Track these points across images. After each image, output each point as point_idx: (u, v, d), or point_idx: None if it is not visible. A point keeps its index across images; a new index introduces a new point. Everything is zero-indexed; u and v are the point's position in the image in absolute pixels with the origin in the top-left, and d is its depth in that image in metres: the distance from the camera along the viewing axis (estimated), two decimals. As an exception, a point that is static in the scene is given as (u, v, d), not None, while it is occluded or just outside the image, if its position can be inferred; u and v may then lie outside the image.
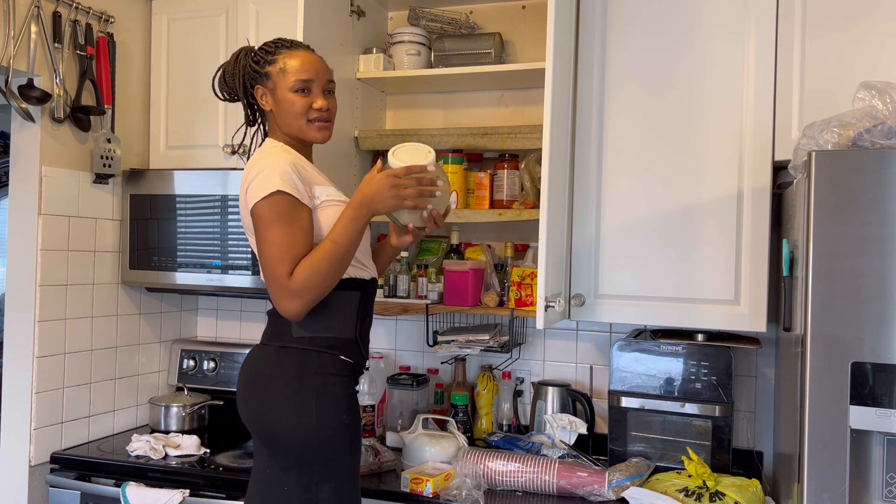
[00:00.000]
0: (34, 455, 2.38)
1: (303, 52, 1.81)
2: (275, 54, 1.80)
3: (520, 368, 2.62)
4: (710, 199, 2.10)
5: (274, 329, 1.79)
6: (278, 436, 1.72)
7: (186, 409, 2.70)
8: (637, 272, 2.16)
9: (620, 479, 2.01)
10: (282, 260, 1.64)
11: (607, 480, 2.01)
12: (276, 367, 1.75)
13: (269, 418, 1.72)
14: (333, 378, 1.74)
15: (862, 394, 1.50)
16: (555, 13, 1.90)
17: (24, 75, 2.31)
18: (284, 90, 1.78)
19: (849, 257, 1.51)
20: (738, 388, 2.39)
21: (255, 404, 1.76)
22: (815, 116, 1.82)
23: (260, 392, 1.75)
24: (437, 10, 2.63)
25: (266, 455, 1.75)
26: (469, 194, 2.48)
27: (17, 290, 2.39)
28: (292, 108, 1.78)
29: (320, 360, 1.74)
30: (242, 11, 2.62)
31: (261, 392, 1.75)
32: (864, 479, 1.52)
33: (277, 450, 1.73)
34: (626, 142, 2.18)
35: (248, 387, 1.78)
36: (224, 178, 2.56)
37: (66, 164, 2.47)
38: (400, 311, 2.47)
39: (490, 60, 2.45)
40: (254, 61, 1.81)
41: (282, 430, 1.71)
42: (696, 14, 2.12)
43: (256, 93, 1.82)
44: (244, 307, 3.01)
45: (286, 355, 1.75)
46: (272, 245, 1.65)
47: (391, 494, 2.08)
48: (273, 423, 1.72)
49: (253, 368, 1.79)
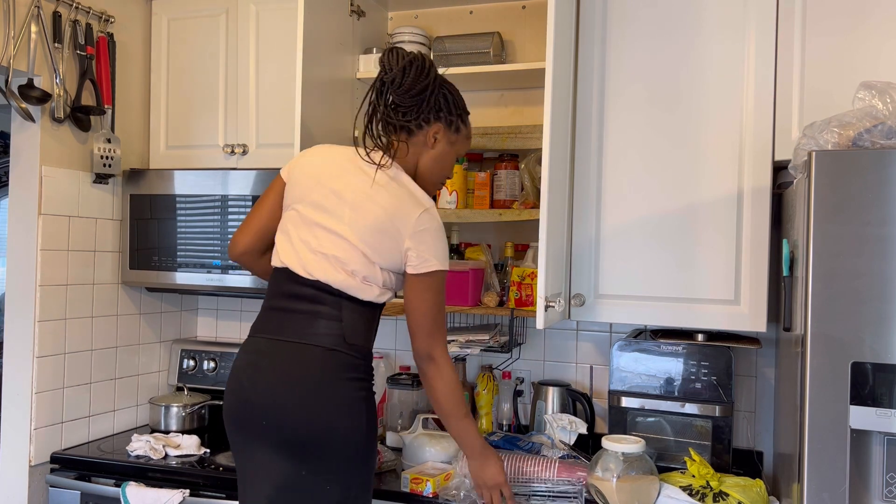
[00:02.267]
0: (34, 455, 2.38)
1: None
2: (466, 116, 1.91)
3: (520, 368, 2.62)
4: (710, 198, 2.10)
5: (316, 329, 1.75)
6: (330, 437, 1.71)
7: (186, 409, 2.70)
8: (637, 272, 2.16)
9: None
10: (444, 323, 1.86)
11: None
12: (327, 368, 1.74)
13: (322, 420, 1.71)
14: (369, 384, 1.82)
15: (862, 394, 1.50)
16: (555, 13, 1.90)
17: (24, 75, 2.31)
18: (453, 153, 1.89)
19: (849, 257, 1.51)
20: (738, 388, 2.39)
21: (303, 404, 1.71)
22: (815, 116, 1.82)
23: (312, 393, 1.72)
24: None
25: (303, 456, 1.71)
26: (469, 194, 2.48)
27: (17, 290, 2.39)
28: (446, 171, 1.90)
29: (365, 365, 1.81)
30: (242, 11, 2.62)
31: (313, 393, 1.72)
32: (864, 479, 1.52)
33: (324, 451, 1.71)
34: (626, 141, 2.18)
35: (293, 386, 1.72)
36: (224, 178, 2.56)
37: (66, 164, 2.47)
38: (400, 311, 2.46)
39: (489, 60, 2.45)
40: (455, 103, 1.85)
41: (336, 430, 1.71)
42: (696, 14, 2.12)
43: (432, 126, 1.83)
44: (244, 307, 3.01)
45: (338, 358, 1.75)
46: (439, 311, 1.83)
47: (391, 494, 2.08)
48: (327, 425, 1.71)
49: (298, 368, 1.73)
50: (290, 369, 1.74)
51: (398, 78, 1.78)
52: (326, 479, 1.72)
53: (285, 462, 1.72)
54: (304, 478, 1.72)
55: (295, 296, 1.78)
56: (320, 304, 1.76)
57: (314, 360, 1.74)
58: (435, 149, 1.85)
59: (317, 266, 1.77)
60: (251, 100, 2.61)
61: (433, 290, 1.80)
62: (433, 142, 1.84)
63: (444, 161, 1.88)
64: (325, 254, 1.77)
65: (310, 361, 1.74)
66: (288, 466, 1.72)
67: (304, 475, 1.72)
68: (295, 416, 1.71)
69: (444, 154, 1.87)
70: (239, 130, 2.63)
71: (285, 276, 1.81)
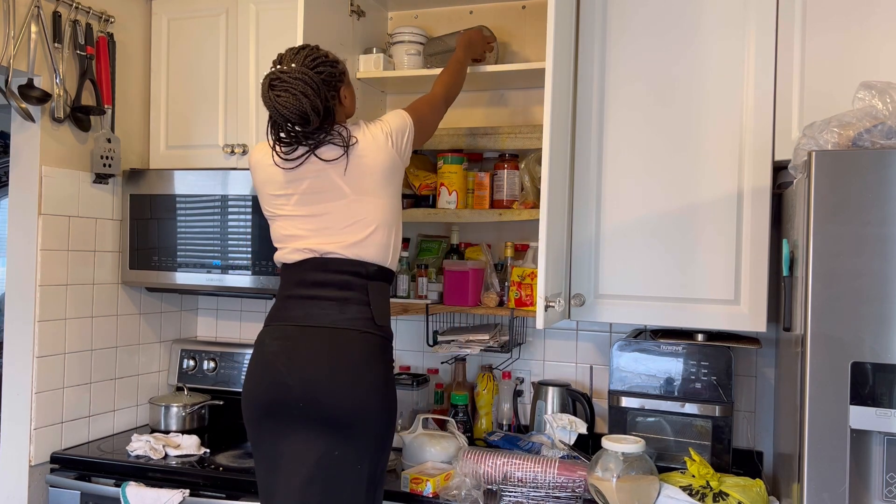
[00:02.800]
0: (34, 455, 2.38)
1: None
2: (333, 54, 1.94)
3: (520, 368, 2.62)
4: (710, 198, 2.10)
5: (347, 314, 1.85)
6: (366, 416, 1.80)
7: (186, 409, 2.70)
8: (637, 272, 2.16)
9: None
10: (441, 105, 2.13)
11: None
12: (364, 351, 1.83)
13: (361, 399, 1.80)
14: (393, 365, 1.93)
15: (862, 394, 1.50)
16: (555, 13, 1.90)
17: (24, 75, 2.31)
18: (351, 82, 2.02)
19: (849, 257, 1.51)
20: (738, 388, 2.39)
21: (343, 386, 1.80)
22: (815, 116, 1.82)
23: (351, 374, 1.81)
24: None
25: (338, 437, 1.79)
26: (469, 194, 2.48)
27: (17, 290, 2.39)
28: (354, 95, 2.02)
29: (391, 347, 1.93)
30: (242, 11, 2.62)
31: (352, 374, 1.81)
32: (864, 479, 1.52)
33: (360, 429, 1.79)
34: (626, 141, 2.18)
35: (333, 370, 1.81)
36: (224, 177, 2.56)
37: (66, 164, 2.47)
38: (400, 310, 2.47)
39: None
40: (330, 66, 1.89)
41: (371, 410, 1.81)
42: (695, 14, 2.12)
43: (339, 94, 1.92)
44: (244, 307, 3.01)
45: (372, 341, 1.85)
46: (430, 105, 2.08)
47: (391, 494, 2.07)
48: (364, 405, 1.80)
49: (336, 352, 1.82)
50: (328, 352, 1.82)
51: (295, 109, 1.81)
52: (359, 457, 1.81)
53: (321, 441, 1.80)
54: (337, 457, 1.79)
55: (318, 283, 1.88)
56: (348, 289, 1.86)
57: (351, 343, 1.83)
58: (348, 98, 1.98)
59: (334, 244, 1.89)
60: (251, 100, 2.61)
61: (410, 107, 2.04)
62: (346, 97, 1.97)
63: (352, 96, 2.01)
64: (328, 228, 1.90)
65: (346, 344, 1.83)
66: (322, 446, 1.79)
67: (336, 454, 1.79)
68: (333, 396, 1.79)
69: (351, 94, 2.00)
70: (239, 130, 2.63)
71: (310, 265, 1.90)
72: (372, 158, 1.89)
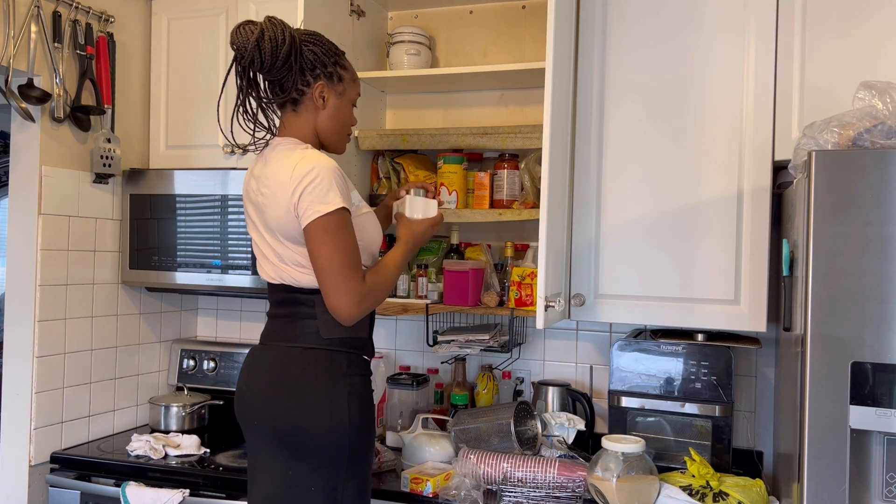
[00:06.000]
0: (34, 455, 2.38)
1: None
2: (343, 58, 1.80)
3: (520, 368, 2.62)
4: (710, 198, 2.10)
5: (295, 330, 1.77)
6: (310, 437, 1.71)
7: (186, 408, 2.70)
8: (637, 272, 2.16)
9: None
10: (355, 267, 1.69)
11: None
12: (305, 368, 1.74)
13: (301, 419, 1.71)
14: (359, 378, 1.79)
15: (862, 394, 1.50)
16: (555, 13, 1.90)
17: (24, 75, 2.30)
18: (347, 101, 1.82)
19: (849, 257, 1.51)
20: (738, 388, 2.39)
21: (283, 406, 1.73)
22: (815, 116, 1.82)
23: (289, 393, 1.73)
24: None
25: (290, 456, 1.73)
26: (469, 194, 2.48)
27: (17, 289, 2.39)
28: (347, 120, 1.85)
29: (349, 360, 1.77)
30: (242, 11, 2.62)
31: (290, 393, 1.73)
32: (864, 479, 1.52)
33: (306, 450, 1.72)
34: (626, 141, 2.18)
35: (274, 388, 1.75)
36: (224, 177, 2.56)
37: (65, 163, 2.47)
38: (400, 310, 2.47)
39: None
40: (324, 53, 1.76)
41: (314, 430, 1.71)
42: (696, 14, 2.12)
43: (314, 88, 1.75)
44: (244, 307, 3.01)
45: (316, 356, 1.75)
46: (343, 252, 1.67)
47: (391, 494, 2.08)
48: (305, 424, 1.71)
49: (278, 370, 1.76)
50: (275, 372, 1.77)
51: (255, 56, 1.68)
52: (312, 479, 1.72)
53: (280, 459, 1.74)
54: (291, 478, 1.73)
55: (277, 302, 1.83)
56: (297, 305, 1.78)
57: (294, 361, 1.76)
58: (327, 107, 1.79)
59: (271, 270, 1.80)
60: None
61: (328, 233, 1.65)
62: (322, 101, 1.77)
63: (340, 114, 1.81)
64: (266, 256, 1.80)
65: (290, 363, 1.76)
66: (281, 463, 1.74)
67: (290, 475, 1.73)
68: (279, 418, 1.74)
69: (338, 107, 1.80)
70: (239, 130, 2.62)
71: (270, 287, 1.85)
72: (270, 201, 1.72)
